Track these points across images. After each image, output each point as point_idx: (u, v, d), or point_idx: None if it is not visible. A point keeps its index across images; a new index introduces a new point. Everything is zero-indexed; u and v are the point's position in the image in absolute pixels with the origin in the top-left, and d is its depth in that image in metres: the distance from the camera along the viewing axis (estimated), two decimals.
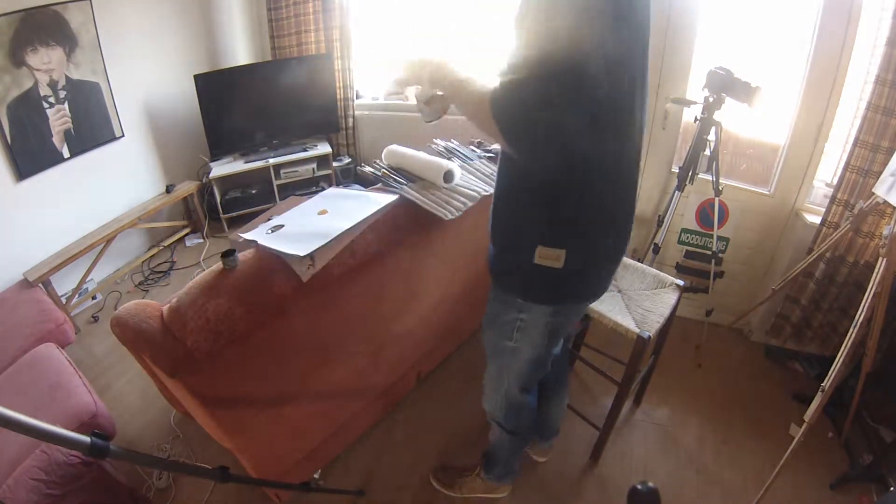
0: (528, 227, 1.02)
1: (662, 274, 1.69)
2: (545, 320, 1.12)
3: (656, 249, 2.10)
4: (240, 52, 3.24)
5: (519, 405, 1.35)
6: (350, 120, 3.31)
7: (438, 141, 1.85)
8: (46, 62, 2.28)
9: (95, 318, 2.56)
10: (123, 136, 2.73)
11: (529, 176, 0.97)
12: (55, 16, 2.27)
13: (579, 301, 1.16)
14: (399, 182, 1.55)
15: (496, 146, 1.72)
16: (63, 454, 1.43)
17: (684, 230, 2.27)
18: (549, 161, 0.86)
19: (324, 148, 3.24)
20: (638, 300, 1.60)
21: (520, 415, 1.39)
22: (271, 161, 3.10)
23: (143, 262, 2.97)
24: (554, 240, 0.99)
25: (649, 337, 1.45)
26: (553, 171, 0.91)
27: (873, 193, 1.63)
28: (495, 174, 1.11)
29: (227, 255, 1.21)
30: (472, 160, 1.76)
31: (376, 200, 1.44)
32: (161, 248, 3.06)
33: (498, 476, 1.59)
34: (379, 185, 1.57)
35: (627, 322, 1.49)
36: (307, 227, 1.35)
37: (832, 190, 1.87)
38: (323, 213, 1.43)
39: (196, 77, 2.82)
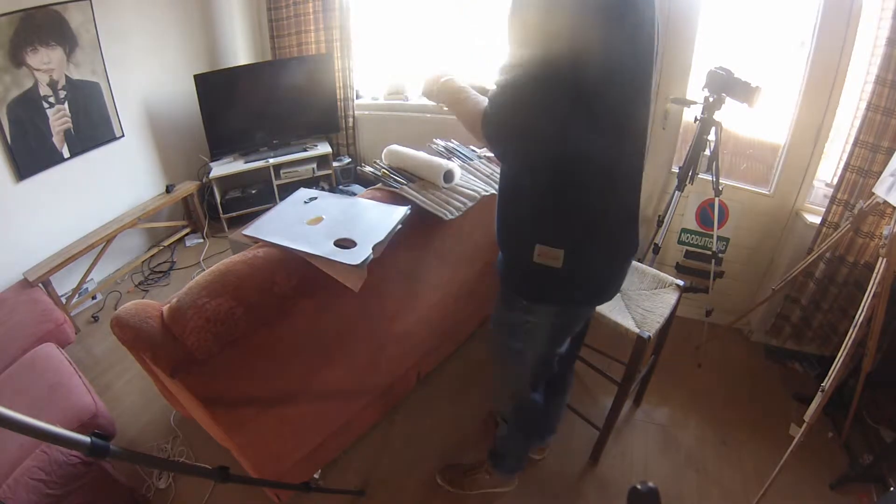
0: (528, 226, 1.03)
1: (662, 274, 1.69)
2: (550, 321, 1.14)
3: (656, 249, 2.10)
4: (240, 52, 3.24)
5: (527, 403, 1.38)
6: (350, 120, 3.31)
7: (438, 141, 1.85)
8: (46, 62, 2.28)
9: (95, 318, 2.56)
10: (123, 136, 2.73)
11: (528, 175, 0.99)
12: (55, 16, 2.27)
13: (582, 303, 1.16)
14: (399, 182, 1.55)
15: None
16: (63, 454, 1.43)
17: (684, 230, 2.27)
18: (536, 162, 0.90)
19: (324, 148, 3.24)
20: (638, 300, 1.60)
21: (528, 412, 1.42)
22: (271, 161, 3.10)
23: (143, 262, 2.97)
24: (552, 238, 1.00)
25: (649, 337, 1.45)
26: (547, 170, 0.93)
27: (873, 193, 1.63)
28: (496, 174, 1.14)
29: None
30: (472, 160, 1.76)
31: (389, 215, 1.39)
32: (161, 248, 3.06)
33: (507, 471, 1.60)
34: (379, 185, 1.57)
35: (627, 322, 1.49)
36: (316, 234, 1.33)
37: (832, 190, 1.87)
38: (316, 221, 1.40)
39: (196, 77, 2.82)
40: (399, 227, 1.36)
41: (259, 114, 3.14)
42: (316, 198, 1.53)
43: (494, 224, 1.14)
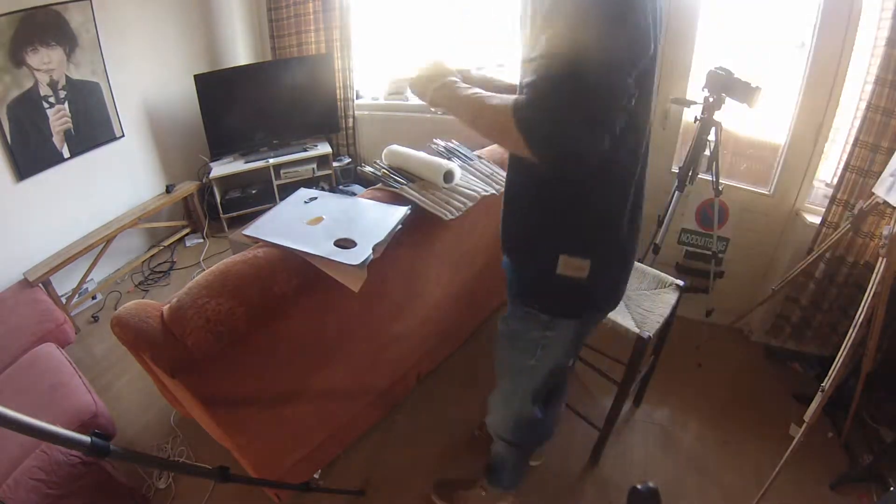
0: (549, 235, 0.97)
1: (662, 274, 1.69)
2: (571, 333, 1.08)
3: (656, 249, 2.10)
4: (240, 52, 3.24)
5: (530, 420, 1.29)
6: (350, 120, 3.31)
7: (438, 141, 1.85)
8: (46, 62, 2.28)
9: (95, 318, 2.56)
10: (123, 136, 2.73)
11: (549, 180, 0.92)
12: (55, 16, 2.27)
13: (604, 310, 1.12)
14: (399, 182, 1.55)
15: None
16: (63, 454, 1.43)
17: (684, 230, 2.27)
18: (581, 168, 0.78)
19: (324, 148, 3.24)
20: (638, 300, 1.60)
21: (530, 429, 1.34)
22: (271, 161, 3.10)
23: (143, 262, 2.97)
24: (577, 248, 0.94)
25: (649, 337, 1.45)
26: (578, 175, 0.86)
27: (873, 193, 1.63)
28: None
29: None
30: (472, 160, 1.76)
31: (389, 215, 1.39)
32: (161, 248, 3.06)
33: (504, 486, 1.53)
34: (379, 185, 1.57)
35: (627, 322, 1.49)
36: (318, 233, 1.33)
37: (832, 190, 1.87)
38: (316, 221, 1.40)
39: (196, 77, 2.83)
40: (399, 227, 1.36)
41: (259, 114, 3.14)
42: (316, 198, 1.53)
43: (500, 233, 1.07)
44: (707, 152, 1.91)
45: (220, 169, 3.05)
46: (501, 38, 2.90)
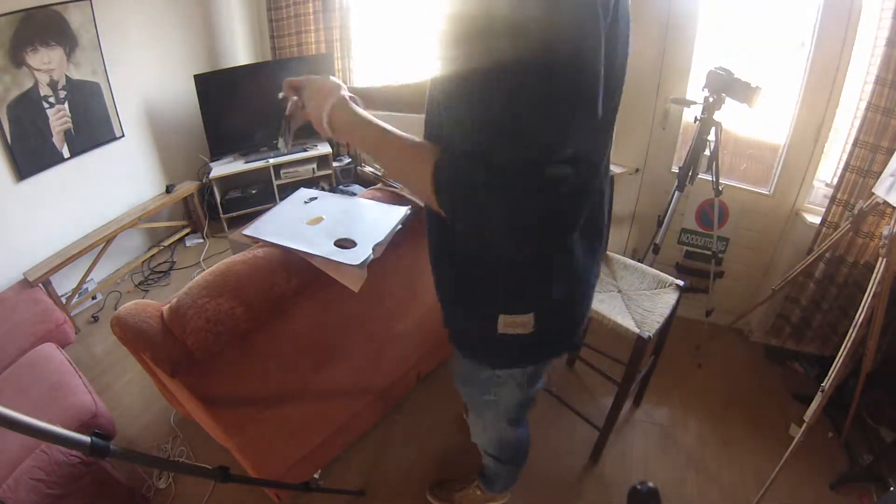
0: (484, 294, 0.83)
1: (662, 274, 1.69)
2: (523, 374, 0.99)
3: (656, 249, 2.10)
4: (240, 52, 3.24)
5: (512, 440, 1.27)
6: None
7: None
8: (46, 62, 2.28)
9: (95, 318, 2.56)
10: (123, 136, 2.73)
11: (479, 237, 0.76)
12: (55, 16, 2.27)
13: (559, 353, 0.99)
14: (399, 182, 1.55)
15: None
16: (63, 454, 1.43)
17: (684, 230, 2.27)
18: (524, 235, 0.64)
19: (324, 148, 3.24)
20: (638, 300, 1.60)
21: (514, 447, 1.32)
22: (271, 161, 3.10)
23: (143, 262, 2.97)
24: (519, 305, 0.81)
25: (649, 337, 1.45)
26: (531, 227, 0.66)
27: (873, 193, 1.63)
28: None
29: None
30: None
31: (389, 215, 1.39)
32: (161, 248, 3.06)
33: (499, 490, 1.54)
34: (379, 185, 1.57)
35: (627, 322, 1.49)
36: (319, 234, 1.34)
37: (832, 190, 1.87)
38: (316, 221, 1.40)
39: (196, 77, 2.82)
40: (399, 227, 1.36)
41: (259, 114, 3.14)
42: (316, 198, 1.53)
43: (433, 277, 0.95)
44: (707, 152, 1.91)
45: (220, 169, 3.04)
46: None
